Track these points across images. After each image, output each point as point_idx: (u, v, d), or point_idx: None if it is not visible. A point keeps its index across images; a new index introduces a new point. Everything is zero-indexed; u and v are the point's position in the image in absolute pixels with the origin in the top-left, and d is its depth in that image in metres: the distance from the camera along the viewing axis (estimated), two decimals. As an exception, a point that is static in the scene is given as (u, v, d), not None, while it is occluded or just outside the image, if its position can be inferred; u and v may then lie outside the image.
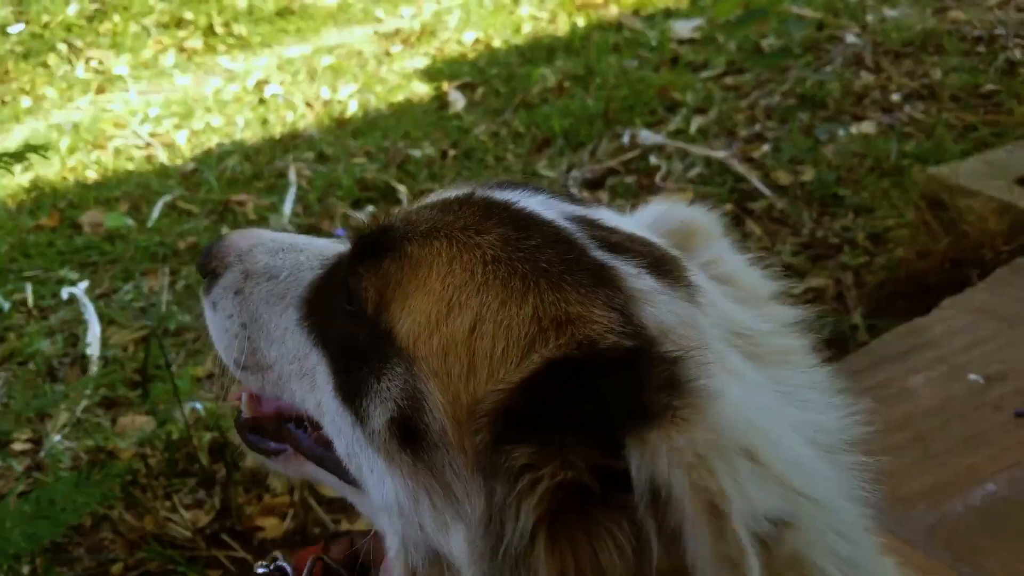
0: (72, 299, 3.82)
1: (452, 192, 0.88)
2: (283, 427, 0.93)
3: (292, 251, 0.93)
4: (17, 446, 3.02)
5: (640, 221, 0.91)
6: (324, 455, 0.88)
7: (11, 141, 5.82)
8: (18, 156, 1.79)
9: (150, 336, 2.79)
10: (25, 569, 2.34)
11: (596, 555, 0.62)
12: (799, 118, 4.29)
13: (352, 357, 0.79)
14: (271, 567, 0.85)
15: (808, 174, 3.79)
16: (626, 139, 4.39)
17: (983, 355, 1.99)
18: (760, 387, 0.73)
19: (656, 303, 0.73)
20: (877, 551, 0.81)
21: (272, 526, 2.41)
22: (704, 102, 4.66)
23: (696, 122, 4.46)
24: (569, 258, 0.75)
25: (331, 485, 0.91)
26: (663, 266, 0.78)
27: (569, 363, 0.68)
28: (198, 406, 2.88)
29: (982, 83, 4.33)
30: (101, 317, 3.62)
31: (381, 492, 0.78)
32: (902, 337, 2.11)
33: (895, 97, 4.43)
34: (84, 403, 3.12)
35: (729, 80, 4.90)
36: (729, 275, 0.86)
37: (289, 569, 0.86)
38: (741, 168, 3.91)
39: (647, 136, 4.29)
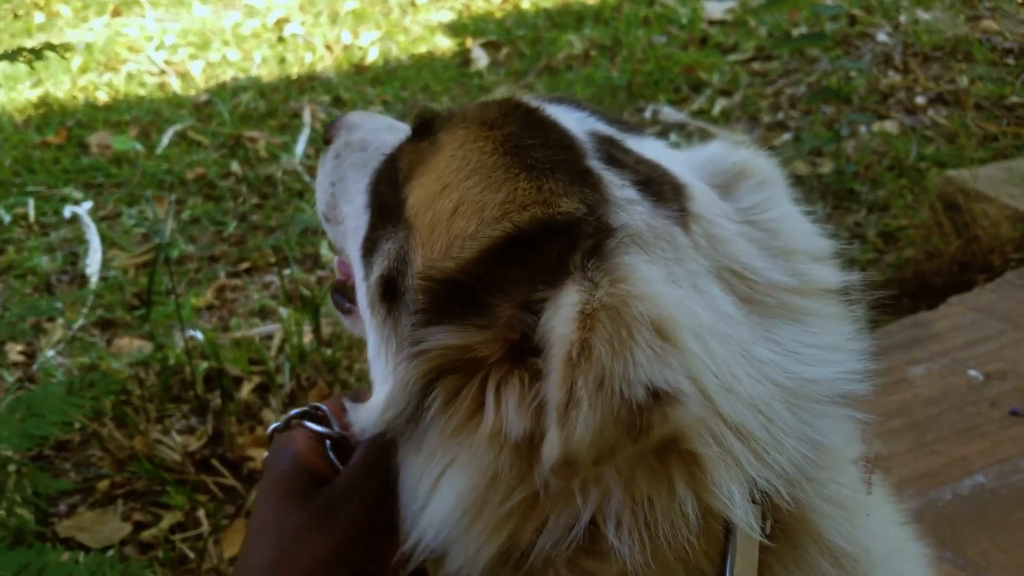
0: (74, 218, 3.81)
1: (501, 95, 0.94)
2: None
3: (388, 131, 1.03)
4: (10, 358, 3.02)
5: (691, 158, 0.90)
6: None
7: (24, 56, 5.75)
8: (37, 53, 1.75)
9: (157, 254, 2.78)
10: (11, 479, 2.34)
11: (504, 403, 0.64)
12: (822, 110, 4.27)
13: (380, 218, 0.87)
14: (308, 407, 0.84)
15: (826, 167, 3.77)
16: (648, 114, 4.36)
17: (985, 353, 2.01)
18: (719, 311, 0.72)
19: (630, 211, 0.74)
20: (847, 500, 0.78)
21: (263, 457, 2.42)
22: (729, 85, 4.63)
23: (720, 104, 4.43)
24: (558, 159, 0.77)
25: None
26: (657, 186, 0.80)
27: (522, 236, 0.71)
28: (197, 334, 2.87)
29: (1008, 94, 4.30)
30: (103, 239, 3.60)
31: (369, 342, 0.85)
32: (907, 328, 2.12)
33: (920, 99, 4.40)
34: (80, 320, 3.11)
35: (756, 65, 4.86)
36: (770, 223, 0.83)
37: (327, 410, 0.84)
38: (760, 154, 3.90)
39: (669, 113, 4.26)
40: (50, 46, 1.66)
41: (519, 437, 0.63)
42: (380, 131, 1.03)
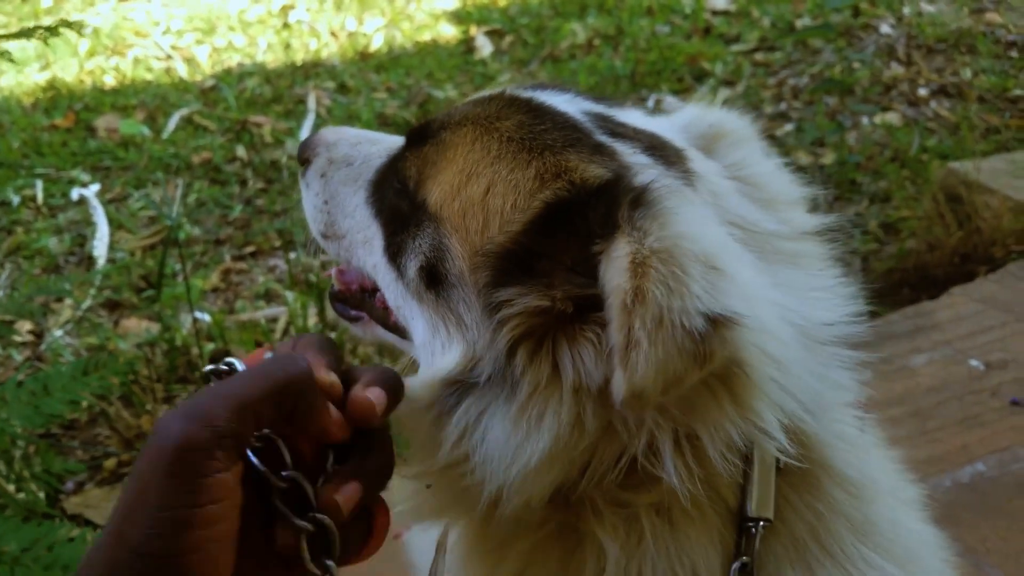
0: (82, 200, 3.81)
1: (488, 92, 1.01)
2: (362, 297, 1.07)
3: (368, 143, 1.08)
4: (18, 337, 3.04)
5: (671, 124, 0.97)
6: (386, 318, 1.01)
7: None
8: (52, 30, 1.76)
9: (167, 236, 2.80)
10: (18, 454, 2.37)
11: (579, 359, 0.72)
12: (825, 102, 4.28)
13: (397, 224, 0.93)
14: (223, 365, 0.73)
15: (828, 157, 3.79)
16: (651, 103, 4.36)
17: (986, 343, 2.03)
18: (741, 254, 0.78)
19: (647, 174, 0.81)
20: (852, 430, 0.86)
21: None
22: (733, 75, 4.64)
23: (723, 94, 4.43)
24: (572, 137, 0.85)
25: (393, 343, 1.04)
26: (660, 151, 0.87)
27: (562, 203, 0.78)
28: (203, 316, 2.90)
29: (1011, 87, 4.31)
30: (110, 221, 3.61)
31: (417, 330, 0.90)
32: (909, 318, 2.14)
33: (922, 91, 4.41)
34: (88, 301, 3.14)
35: (759, 56, 4.87)
36: (753, 177, 0.91)
37: (240, 367, 0.72)
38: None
39: (672, 102, 4.26)
40: (65, 23, 1.67)
41: (600, 385, 0.71)
42: (360, 144, 1.08)
